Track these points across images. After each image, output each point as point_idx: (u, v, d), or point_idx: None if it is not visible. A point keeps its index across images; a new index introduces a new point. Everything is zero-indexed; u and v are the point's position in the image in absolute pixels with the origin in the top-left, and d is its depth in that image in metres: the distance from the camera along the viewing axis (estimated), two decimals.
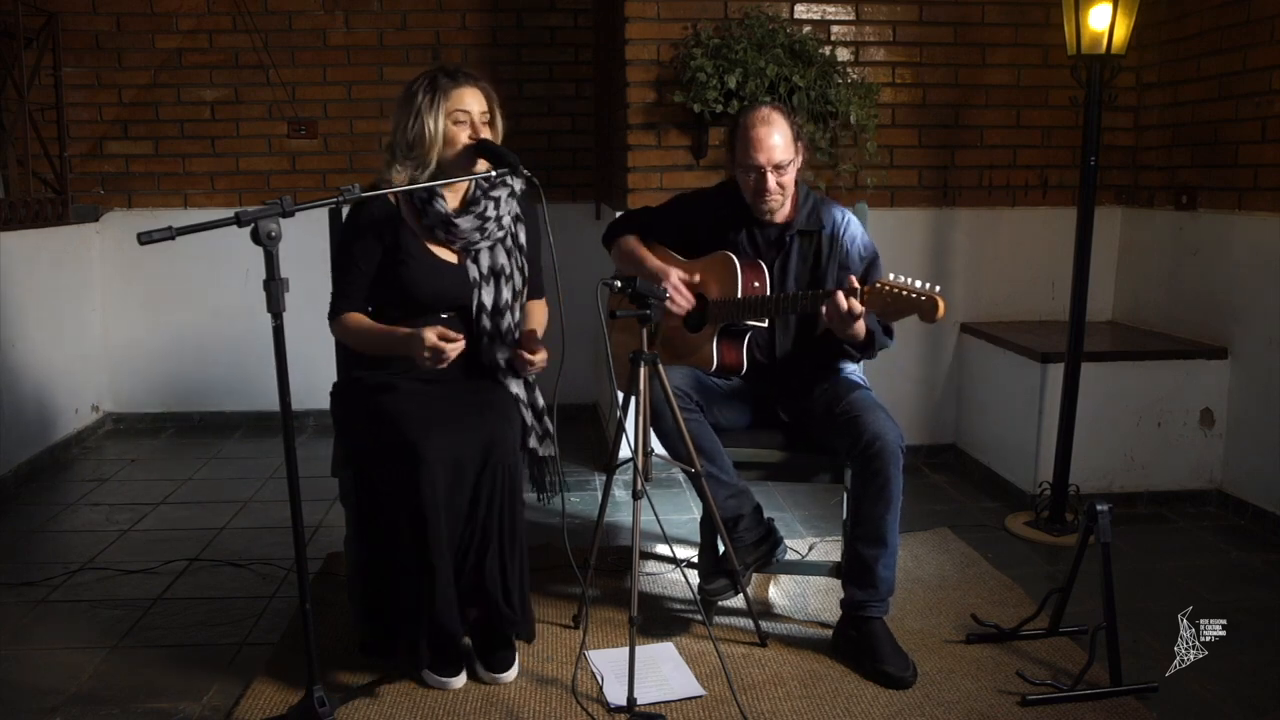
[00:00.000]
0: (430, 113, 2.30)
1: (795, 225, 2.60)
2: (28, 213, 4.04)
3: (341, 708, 2.19)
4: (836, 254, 2.59)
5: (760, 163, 2.49)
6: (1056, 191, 4.07)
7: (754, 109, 2.56)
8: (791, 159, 2.52)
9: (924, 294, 2.18)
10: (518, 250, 2.44)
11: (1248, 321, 3.46)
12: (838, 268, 2.58)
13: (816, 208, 2.63)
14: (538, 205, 2.44)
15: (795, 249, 2.60)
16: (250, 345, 4.56)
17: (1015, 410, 3.68)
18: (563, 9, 4.69)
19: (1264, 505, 3.38)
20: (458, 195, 2.41)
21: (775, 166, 2.49)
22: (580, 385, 4.72)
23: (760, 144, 2.48)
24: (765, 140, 2.48)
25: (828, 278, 2.58)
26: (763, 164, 2.49)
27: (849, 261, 2.59)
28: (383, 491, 2.20)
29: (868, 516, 2.41)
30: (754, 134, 2.49)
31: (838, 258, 2.59)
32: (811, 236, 2.60)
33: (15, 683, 2.33)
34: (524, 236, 2.45)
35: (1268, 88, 3.34)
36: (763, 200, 2.54)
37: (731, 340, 2.61)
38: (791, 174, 2.54)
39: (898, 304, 2.22)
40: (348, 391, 2.41)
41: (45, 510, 3.56)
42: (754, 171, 2.51)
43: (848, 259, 2.59)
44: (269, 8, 4.56)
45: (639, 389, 2.30)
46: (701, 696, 2.28)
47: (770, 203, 2.55)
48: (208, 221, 1.93)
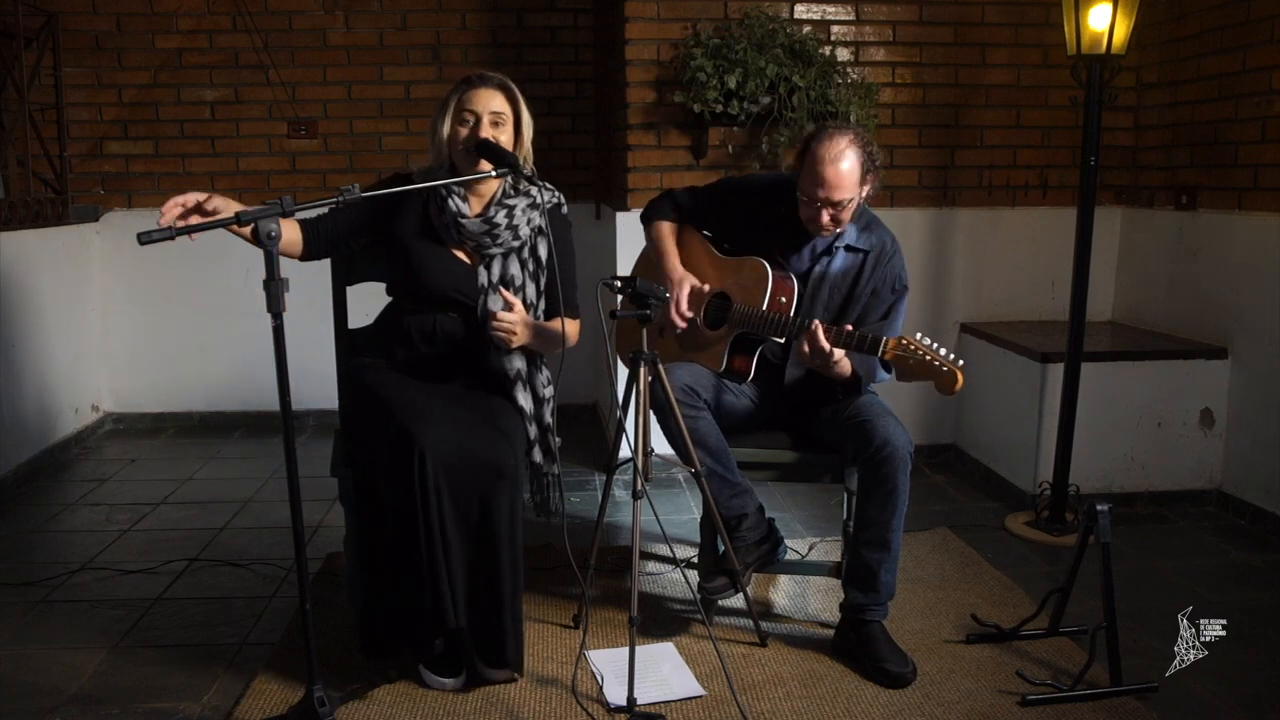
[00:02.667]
0: (445, 112, 2.33)
1: (845, 238, 2.55)
2: (28, 213, 4.04)
3: (341, 708, 2.19)
4: (875, 280, 2.55)
5: (820, 198, 2.42)
6: (1056, 191, 4.07)
7: (830, 136, 2.42)
8: (854, 196, 2.44)
9: (947, 364, 2.18)
10: (534, 262, 2.42)
11: (1248, 321, 3.46)
12: (871, 293, 2.55)
13: (870, 226, 2.58)
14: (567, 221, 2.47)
15: (839, 260, 2.56)
16: (250, 345, 4.57)
17: (1015, 410, 3.68)
18: (563, 9, 4.69)
19: (1264, 505, 3.37)
20: (482, 199, 2.39)
21: (833, 204, 2.43)
22: (580, 385, 4.72)
23: (824, 182, 2.39)
24: (831, 180, 2.39)
25: (861, 299, 2.55)
26: (821, 199, 2.42)
27: (882, 289, 2.55)
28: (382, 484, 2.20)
29: (873, 521, 2.41)
30: (821, 171, 2.38)
31: (874, 283, 2.55)
32: (858, 254, 2.56)
33: (15, 683, 2.33)
34: (544, 250, 2.41)
35: (1268, 88, 3.34)
36: (814, 227, 2.49)
37: (745, 348, 2.60)
38: (850, 210, 2.46)
39: (919, 367, 2.21)
40: (351, 380, 2.41)
41: (45, 510, 3.56)
42: (813, 204, 2.44)
43: (883, 286, 2.55)
44: (269, 8, 4.56)
45: (639, 389, 2.30)
46: (701, 696, 2.28)
47: (821, 232, 2.50)
48: (208, 221, 1.93)
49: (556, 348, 2.40)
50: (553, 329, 2.42)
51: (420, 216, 2.38)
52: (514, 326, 2.27)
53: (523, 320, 2.30)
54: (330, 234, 2.38)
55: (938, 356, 2.19)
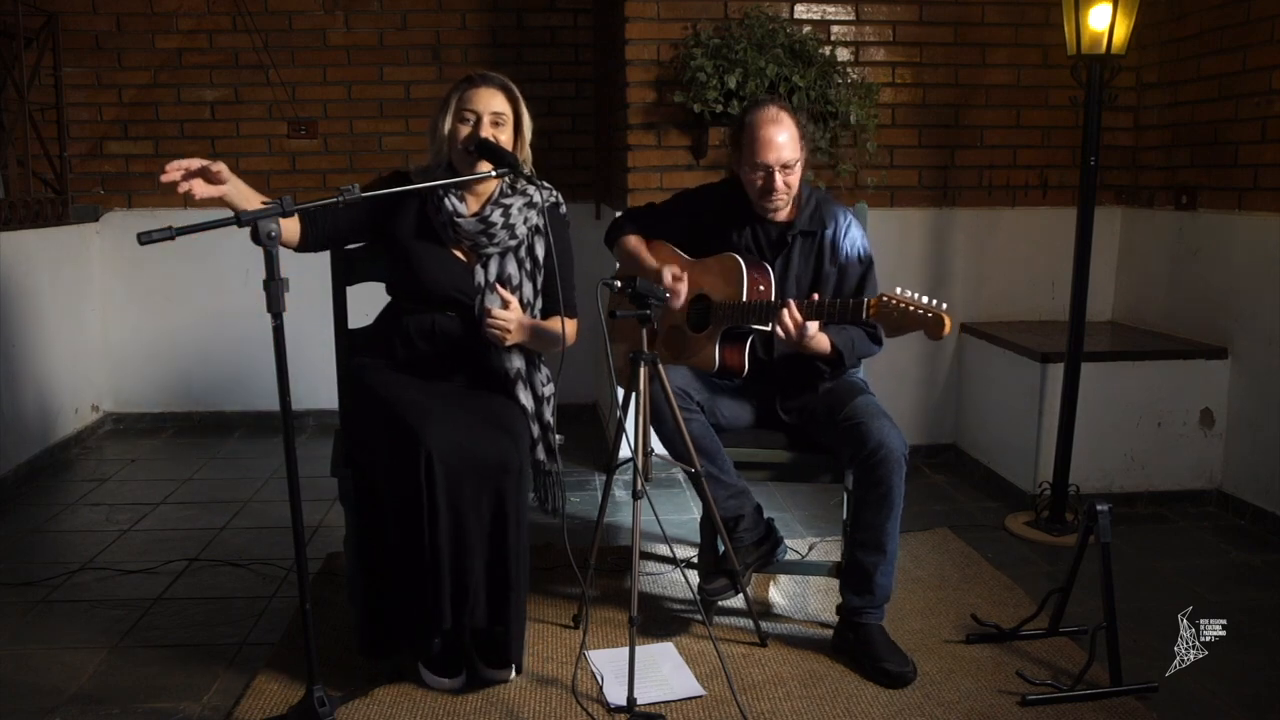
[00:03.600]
0: (445, 112, 2.33)
1: (797, 225, 2.58)
2: (28, 213, 4.04)
3: (341, 708, 2.19)
4: (838, 255, 2.58)
5: (769, 162, 2.47)
6: (1056, 191, 4.07)
7: (760, 107, 2.53)
8: (798, 158, 2.51)
9: (932, 310, 2.17)
10: (531, 262, 2.42)
11: (1248, 321, 3.46)
12: (837, 271, 2.57)
13: (819, 207, 2.61)
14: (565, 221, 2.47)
15: (797, 249, 2.59)
16: (250, 345, 4.56)
17: (1015, 410, 3.67)
18: (563, 9, 4.69)
19: (1264, 505, 3.37)
20: (480, 198, 2.40)
21: (783, 166, 2.48)
22: (580, 385, 4.72)
23: (769, 143, 2.46)
24: (774, 139, 2.46)
25: (828, 279, 2.57)
26: (772, 163, 2.47)
27: (846, 265, 2.58)
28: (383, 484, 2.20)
29: (869, 524, 2.41)
30: (763, 133, 2.47)
31: (839, 259, 2.58)
32: (813, 237, 2.59)
33: (15, 683, 2.33)
34: (541, 250, 2.41)
35: (1268, 88, 3.34)
36: (769, 199, 2.53)
37: (734, 343, 2.60)
38: (798, 172, 2.53)
39: (904, 320, 2.21)
40: (352, 380, 2.41)
41: (45, 510, 3.56)
42: (762, 171, 2.49)
43: (846, 262, 2.58)
44: (269, 8, 4.56)
45: (639, 389, 2.30)
46: (701, 696, 2.28)
47: (776, 202, 2.53)
48: (208, 221, 1.93)
49: (554, 347, 2.39)
50: (550, 328, 2.42)
51: (418, 216, 2.38)
52: (508, 324, 2.27)
53: (518, 319, 2.29)
54: (329, 229, 2.37)
55: (920, 305, 2.19)
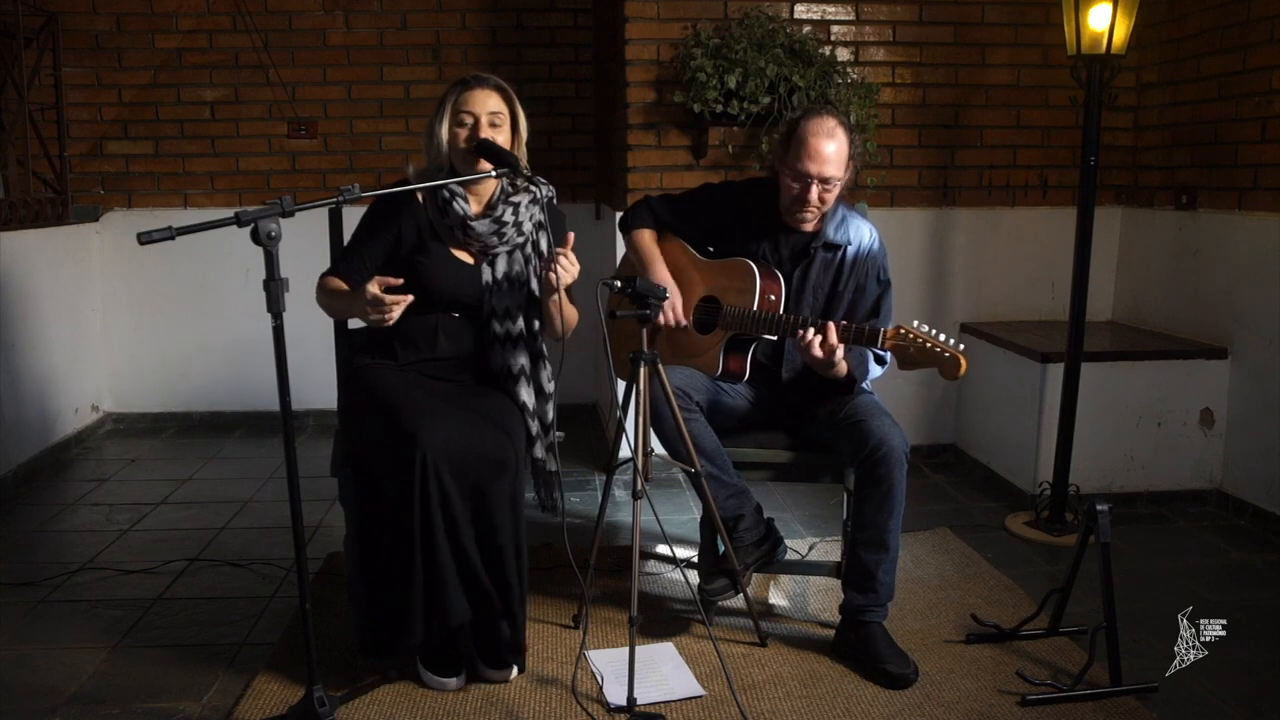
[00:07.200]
0: (441, 115, 2.34)
1: (822, 237, 2.55)
2: (28, 213, 4.04)
3: (341, 708, 2.19)
4: (857, 274, 2.55)
5: (811, 172, 2.42)
6: (1056, 191, 4.07)
7: (817, 115, 2.46)
8: (841, 177, 2.46)
9: (949, 350, 2.18)
10: (537, 257, 2.42)
11: (1248, 321, 3.46)
12: (855, 289, 2.56)
13: (845, 221, 2.57)
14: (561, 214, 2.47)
15: (818, 261, 2.56)
16: (250, 345, 4.56)
17: (1015, 410, 3.68)
18: (563, 9, 4.69)
19: (1264, 505, 3.37)
20: (481, 199, 2.40)
21: (823, 180, 2.43)
22: (580, 385, 4.72)
23: (816, 154, 2.41)
24: (822, 150, 2.41)
25: (845, 296, 2.56)
26: (813, 174, 2.42)
27: (866, 284, 2.56)
28: (382, 484, 2.20)
29: (870, 522, 2.41)
30: (812, 142, 2.41)
31: (857, 278, 2.55)
32: (837, 250, 2.56)
33: (15, 683, 2.33)
34: (545, 244, 2.41)
35: (1268, 88, 3.34)
36: (800, 210, 2.49)
37: (738, 349, 2.60)
38: (835, 191, 2.48)
39: (921, 355, 2.21)
40: (352, 380, 2.41)
41: (45, 510, 3.56)
42: (802, 180, 2.44)
43: (866, 281, 2.56)
44: (269, 8, 4.56)
45: (639, 389, 2.30)
46: (701, 696, 2.28)
47: (806, 214, 2.50)
48: (208, 221, 1.93)
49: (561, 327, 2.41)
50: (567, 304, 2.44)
51: (420, 219, 2.38)
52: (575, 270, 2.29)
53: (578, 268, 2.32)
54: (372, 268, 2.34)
55: (938, 343, 2.19)
